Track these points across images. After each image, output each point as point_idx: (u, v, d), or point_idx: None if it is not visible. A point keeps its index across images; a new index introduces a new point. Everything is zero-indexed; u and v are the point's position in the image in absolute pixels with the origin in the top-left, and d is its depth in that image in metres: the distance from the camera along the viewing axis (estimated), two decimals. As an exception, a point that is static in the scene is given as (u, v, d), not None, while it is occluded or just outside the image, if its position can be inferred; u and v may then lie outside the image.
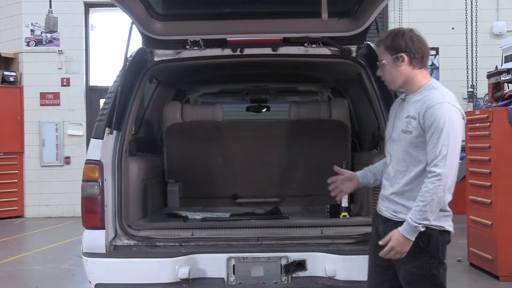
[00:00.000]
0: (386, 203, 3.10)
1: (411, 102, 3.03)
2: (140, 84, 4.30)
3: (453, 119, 2.89)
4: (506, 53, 7.55)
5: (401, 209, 2.99)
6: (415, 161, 2.98)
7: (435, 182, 2.82)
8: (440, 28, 11.90)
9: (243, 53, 4.41)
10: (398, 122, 3.08)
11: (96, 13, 12.55)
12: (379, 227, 3.14)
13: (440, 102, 2.90)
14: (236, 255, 3.79)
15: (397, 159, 3.06)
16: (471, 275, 6.44)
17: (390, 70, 3.05)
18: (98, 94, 11.68)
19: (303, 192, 5.39)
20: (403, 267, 2.99)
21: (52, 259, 7.57)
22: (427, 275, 2.96)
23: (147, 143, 5.41)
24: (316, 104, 6.10)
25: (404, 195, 3.00)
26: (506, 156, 6.11)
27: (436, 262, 2.99)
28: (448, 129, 2.85)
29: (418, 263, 2.95)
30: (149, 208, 4.78)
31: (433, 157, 2.85)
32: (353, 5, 4.12)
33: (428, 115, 2.89)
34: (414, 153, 2.97)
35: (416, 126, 2.95)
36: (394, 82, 3.08)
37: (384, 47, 3.06)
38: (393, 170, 3.08)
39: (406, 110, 3.04)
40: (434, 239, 2.95)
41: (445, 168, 2.82)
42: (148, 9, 4.14)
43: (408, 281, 2.99)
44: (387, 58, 3.04)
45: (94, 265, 3.82)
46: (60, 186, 11.97)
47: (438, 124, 2.85)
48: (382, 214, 3.12)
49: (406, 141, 2.99)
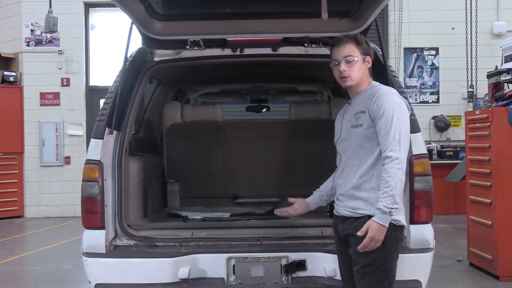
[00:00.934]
0: (343, 202, 3.21)
1: (356, 102, 3.23)
2: (140, 84, 4.30)
3: (401, 107, 3.09)
4: (506, 53, 7.55)
5: (360, 204, 3.10)
6: (368, 152, 3.11)
7: (394, 166, 2.96)
8: (440, 28, 11.93)
9: (243, 53, 4.42)
10: (346, 122, 3.26)
11: (96, 13, 12.55)
12: (338, 227, 3.25)
13: (387, 93, 3.12)
14: (236, 255, 3.79)
15: (348, 155, 3.20)
16: (471, 275, 6.44)
17: (358, 67, 3.19)
18: (98, 94, 11.68)
19: (303, 192, 5.34)
20: (358, 260, 3.08)
21: (52, 259, 7.58)
22: (380, 269, 3.05)
23: (147, 143, 5.41)
24: (316, 104, 6.09)
25: (362, 187, 3.11)
26: (506, 156, 6.11)
27: (390, 256, 3.08)
28: (398, 115, 3.03)
29: (372, 256, 3.03)
30: (149, 208, 4.78)
31: (387, 143, 3.00)
32: (353, 5, 4.12)
33: (376, 104, 3.06)
34: (366, 144, 3.11)
35: (365, 118, 3.11)
36: (354, 79, 3.20)
37: (355, 44, 3.20)
38: (345, 166, 3.21)
39: (353, 109, 3.22)
40: (389, 233, 3.02)
41: (400, 152, 2.98)
42: (148, 9, 4.14)
43: (362, 274, 3.08)
44: (359, 56, 3.19)
45: (94, 265, 3.81)
46: (60, 186, 11.98)
47: (388, 112, 3.03)
48: (340, 214, 3.23)
49: (357, 134, 3.14)
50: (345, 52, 3.19)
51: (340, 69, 3.20)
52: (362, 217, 3.08)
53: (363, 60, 3.21)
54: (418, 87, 12.27)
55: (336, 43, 3.24)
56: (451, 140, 12.07)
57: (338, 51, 3.21)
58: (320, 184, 3.67)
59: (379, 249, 3.01)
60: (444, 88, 12.21)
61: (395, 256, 3.13)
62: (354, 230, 3.08)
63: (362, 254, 3.04)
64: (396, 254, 3.14)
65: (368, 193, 3.08)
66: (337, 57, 3.22)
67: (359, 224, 3.06)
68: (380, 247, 3.00)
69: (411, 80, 12.21)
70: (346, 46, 3.20)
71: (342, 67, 3.19)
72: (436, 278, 3.00)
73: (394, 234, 3.08)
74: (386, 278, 3.08)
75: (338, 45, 3.22)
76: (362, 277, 3.08)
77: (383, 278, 3.07)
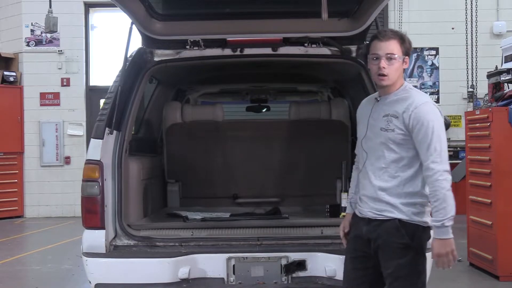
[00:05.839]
0: (368, 203, 3.12)
1: (387, 102, 3.10)
2: (140, 84, 4.30)
3: (438, 116, 3.02)
4: (506, 53, 7.55)
5: (386, 207, 3.03)
6: (397, 158, 3.04)
7: (439, 179, 2.92)
8: (440, 28, 11.92)
9: (243, 53, 4.42)
10: (373, 121, 3.13)
11: (96, 13, 12.55)
12: (363, 229, 3.14)
13: (424, 102, 3.03)
14: (236, 255, 3.79)
15: (375, 157, 3.10)
16: (471, 275, 6.44)
17: (398, 67, 3.06)
18: (98, 94, 11.68)
19: (303, 192, 5.39)
20: (389, 263, 3.03)
21: (52, 259, 7.57)
22: (413, 272, 3.02)
23: (147, 143, 5.41)
24: (316, 104, 6.10)
25: (387, 192, 3.05)
26: (506, 156, 6.11)
27: (422, 258, 3.06)
28: (437, 126, 2.99)
29: (405, 259, 3.00)
30: (149, 208, 4.78)
31: (428, 155, 2.95)
32: (353, 5, 4.12)
33: (415, 114, 2.98)
34: (396, 149, 3.04)
35: (398, 124, 3.02)
36: (392, 79, 3.08)
37: (399, 42, 3.05)
38: (370, 168, 3.12)
39: (383, 109, 3.10)
40: (418, 236, 3.02)
41: (442, 164, 2.95)
42: (148, 9, 4.14)
43: (395, 277, 3.02)
44: (400, 55, 3.06)
45: (94, 265, 3.81)
46: (60, 186, 11.97)
47: (428, 123, 2.97)
48: (365, 216, 3.13)
49: (387, 138, 3.05)
50: (388, 49, 3.02)
51: (380, 65, 3.03)
52: (389, 220, 3.01)
53: (403, 60, 3.06)
54: (418, 87, 12.25)
55: (380, 36, 3.05)
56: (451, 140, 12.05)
57: (381, 46, 3.03)
58: (320, 184, 3.64)
59: (411, 251, 2.99)
60: (444, 88, 12.20)
61: (425, 257, 3.08)
62: (384, 233, 3.02)
63: (393, 257, 2.99)
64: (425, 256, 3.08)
65: (393, 198, 3.02)
66: (378, 51, 3.03)
67: (388, 228, 3.01)
68: (411, 249, 2.98)
69: (411, 80, 12.20)
70: (391, 42, 3.03)
71: (382, 64, 3.02)
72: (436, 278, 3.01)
73: (424, 236, 3.05)
74: (419, 280, 3.04)
75: (382, 39, 3.04)
76: (395, 280, 3.02)
77: (417, 281, 3.03)
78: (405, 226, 3.00)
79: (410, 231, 3.00)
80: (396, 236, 3.00)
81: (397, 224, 3.00)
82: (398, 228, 3.00)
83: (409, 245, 2.99)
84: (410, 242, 2.99)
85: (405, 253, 2.99)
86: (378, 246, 3.06)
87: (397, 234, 3.00)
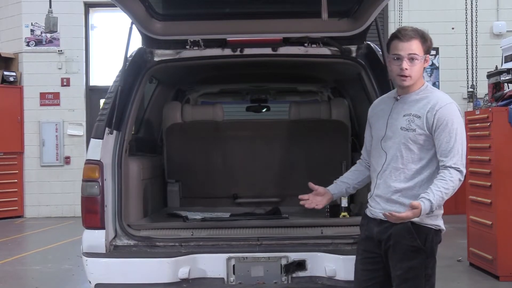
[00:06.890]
0: (380, 204, 3.08)
1: (409, 101, 3.06)
2: (140, 84, 4.30)
3: (460, 118, 3.02)
4: (506, 53, 7.55)
5: (399, 208, 2.97)
6: (415, 159, 3.00)
7: (458, 175, 2.91)
8: (440, 28, 11.89)
9: (243, 53, 4.41)
10: (393, 120, 3.08)
11: (96, 13, 12.55)
12: (374, 230, 3.11)
13: (448, 103, 3.00)
14: (236, 255, 3.79)
15: (392, 156, 3.06)
16: (471, 275, 6.44)
17: (420, 66, 3.02)
18: (98, 94, 11.68)
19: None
20: (399, 265, 3.01)
21: (52, 259, 7.57)
22: (423, 275, 3.00)
23: (147, 143, 5.41)
24: (316, 104, 6.09)
25: (403, 193, 3.01)
26: (506, 156, 6.11)
27: (432, 262, 3.03)
28: (460, 128, 2.98)
29: (415, 262, 2.98)
30: (149, 208, 4.78)
31: (451, 156, 2.93)
32: (353, 5, 4.11)
33: (440, 115, 2.95)
34: (415, 149, 2.99)
35: (420, 124, 2.98)
36: (414, 80, 3.03)
37: (421, 41, 3.00)
38: (387, 168, 3.07)
39: (403, 108, 3.05)
40: (430, 239, 3.00)
41: (462, 166, 2.95)
42: (148, 9, 4.14)
43: (404, 279, 3.01)
44: (421, 54, 3.01)
45: (94, 265, 3.82)
46: (60, 186, 11.97)
47: (452, 124, 2.95)
48: (376, 217, 3.10)
49: (407, 138, 3.00)
50: (410, 49, 2.97)
51: (402, 66, 2.97)
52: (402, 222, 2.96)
53: (424, 59, 3.02)
54: (418, 87, 12.26)
55: (401, 36, 2.98)
56: (451, 140, 12.06)
57: (403, 46, 2.97)
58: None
59: (421, 255, 2.97)
60: (444, 88, 12.15)
61: (435, 261, 3.06)
62: (395, 235, 2.99)
63: (403, 259, 2.97)
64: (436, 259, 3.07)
65: (409, 200, 2.93)
66: (400, 51, 2.97)
67: (400, 230, 2.97)
68: (422, 252, 2.97)
69: (411, 80, 12.20)
70: (413, 42, 2.97)
71: (405, 65, 2.96)
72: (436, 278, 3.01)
73: (436, 239, 3.03)
74: (427, 283, 3.02)
75: (403, 39, 2.98)
76: (404, 282, 3.00)
77: (425, 284, 3.01)
78: (417, 229, 2.97)
79: (422, 234, 2.97)
80: (407, 238, 2.97)
81: (409, 227, 2.95)
82: (410, 230, 2.96)
83: (420, 248, 2.97)
84: (422, 245, 2.97)
85: (415, 255, 2.97)
86: (388, 247, 3.03)
87: (408, 237, 2.96)
